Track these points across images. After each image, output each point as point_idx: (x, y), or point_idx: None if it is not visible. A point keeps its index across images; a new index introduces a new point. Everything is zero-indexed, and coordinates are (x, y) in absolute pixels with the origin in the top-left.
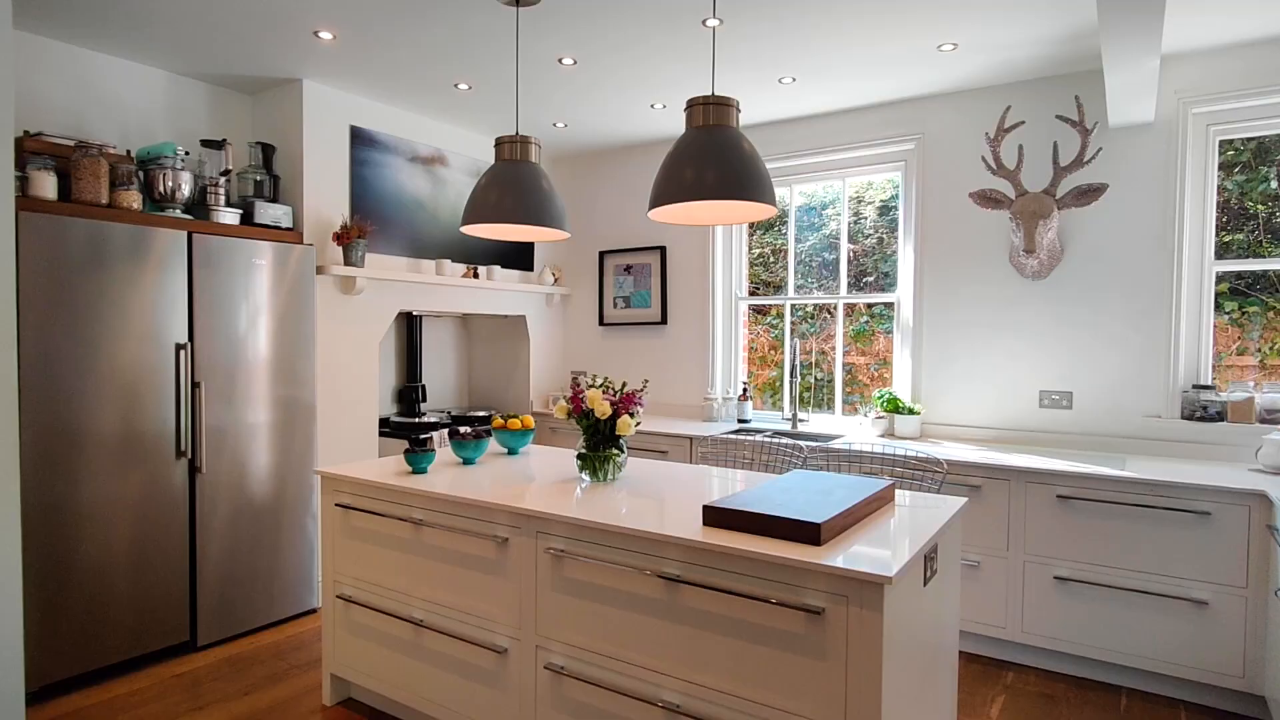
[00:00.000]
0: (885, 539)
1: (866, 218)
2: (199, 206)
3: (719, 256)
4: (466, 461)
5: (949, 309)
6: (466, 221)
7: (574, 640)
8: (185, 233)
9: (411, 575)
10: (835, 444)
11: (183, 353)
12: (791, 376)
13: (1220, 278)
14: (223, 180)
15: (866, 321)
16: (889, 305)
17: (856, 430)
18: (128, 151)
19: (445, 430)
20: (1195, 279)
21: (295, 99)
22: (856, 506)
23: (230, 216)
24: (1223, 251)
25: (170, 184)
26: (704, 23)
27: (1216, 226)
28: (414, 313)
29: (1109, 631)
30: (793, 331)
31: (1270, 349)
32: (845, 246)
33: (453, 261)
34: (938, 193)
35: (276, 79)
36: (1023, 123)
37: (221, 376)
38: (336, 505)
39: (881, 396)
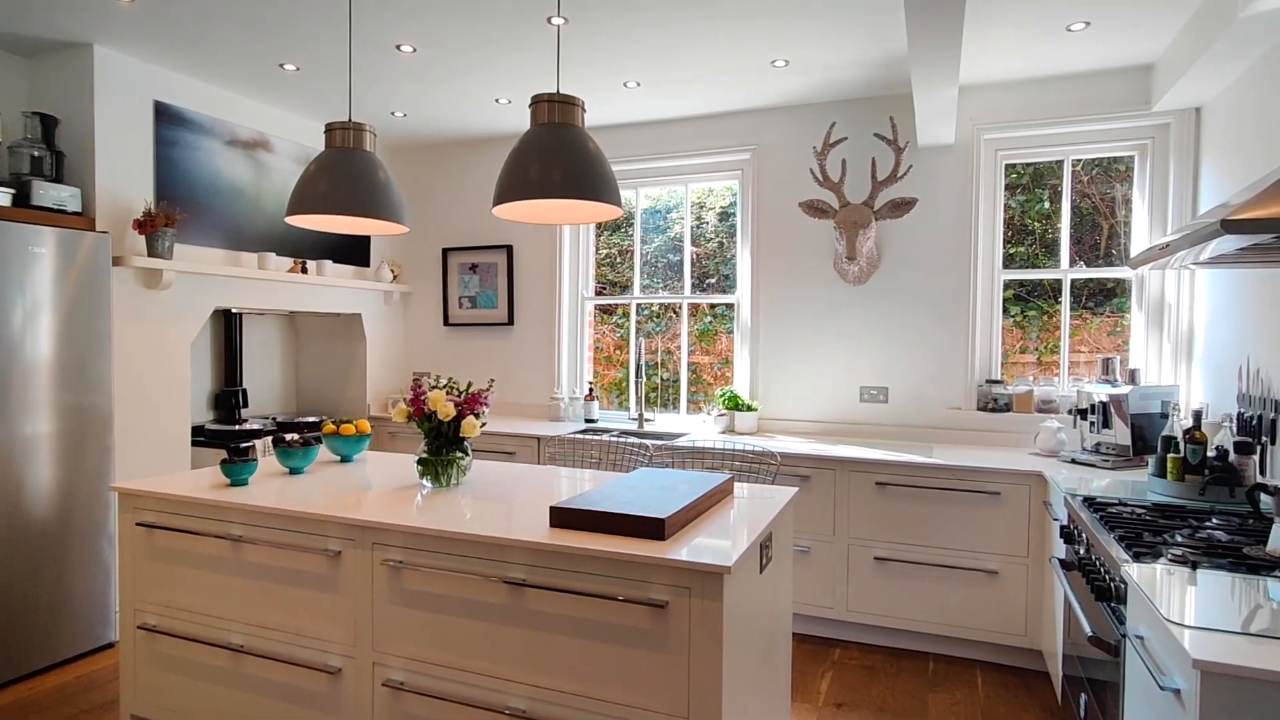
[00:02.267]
0: (725, 530)
1: (708, 222)
2: None
3: (566, 256)
4: (294, 471)
5: (782, 311)
6: (293, 212)
7: (414, 653)
8: None
9: (229, 597)
10: (680, 441)
11: None
12: (637, 376)
13: (1007, 285)
14: None
15: (710, 321)
16: (730, 306)
17: (700, 428)
18: None
19: (270, 438)
20: (987, 286)
21: (84, 66)
22: (699, 500)
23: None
24: (1008, 262)
25: None
26: (549, 20)
27: (1004, 240)
28: (233, 310)
29: (920, 604)
30: (638, 331)
31: (1045, 348)
32: (688, 249)
33: (278, 255)
34: (771, 201)
35: (60, 41)
36: (846, 139)
37: None
38: (138, 525)
39: (724, 394)
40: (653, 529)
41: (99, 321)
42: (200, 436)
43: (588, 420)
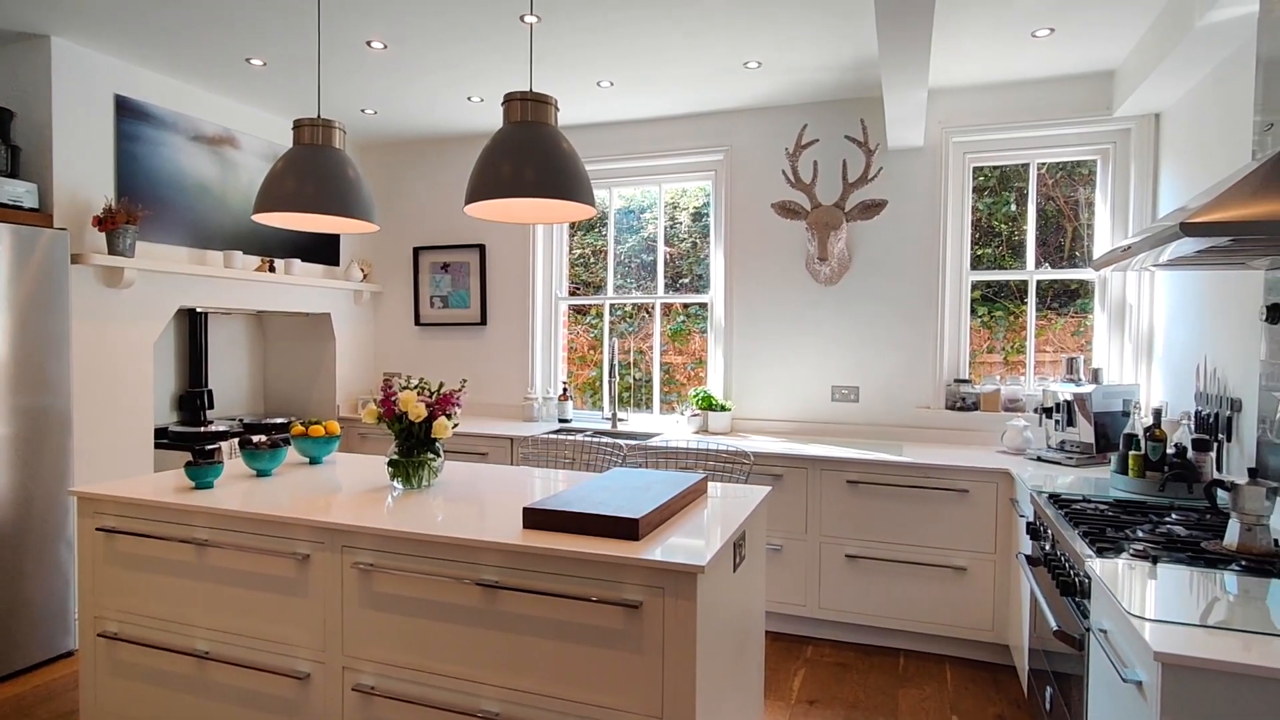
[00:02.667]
0: (699, 530)
1: (682, 223)
2: None
3: (540, 256)
4: (261, 473)
5: (755, 311)
6: (260, 209)
7: (385, 657)
8: None
9: (194, 603)
10: (653, 441)
11: None
12: (610, 376)
13: (974, 286)
14: None
15: (683, 321)
16: (704, 306)
17: (673, 428)
18: None
19: (236, 440)
20: (955, 286)
21: (41, 58)
22: (672, 500)
23: None
24: (976, 263)
25: None
26: (522, 18)
27: (971, 241)
28: (198, 309)
29: (890, 601)
30: (611, 331)
31: (1011, 348)
32: (662, 249)
33: (245, 253)
34: (744, 202)
35: (16, 32)
36: (817, 140)
37: None
38: (98, 530)
39: (697, 394)
40: (626, 529)
41: (57, 321)
42: (164, 439)
43: (561, 420)
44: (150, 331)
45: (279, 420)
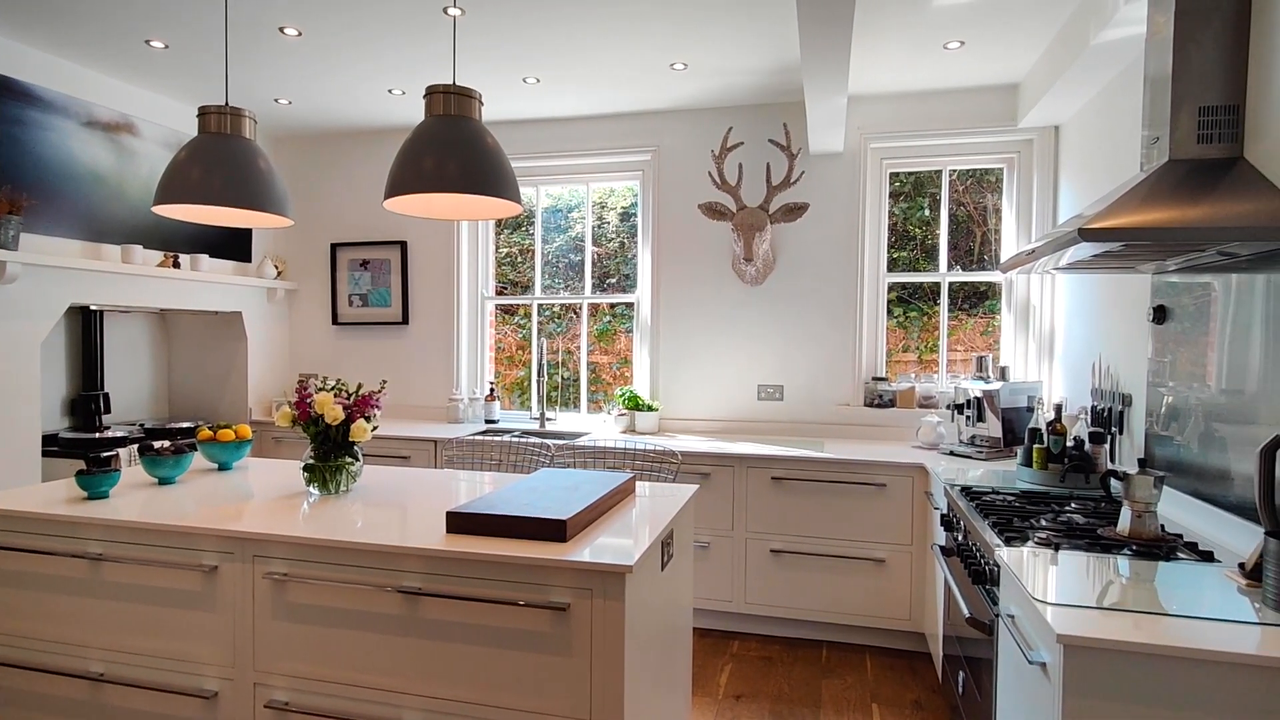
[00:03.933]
0: (627, 529)
1: (609, 222)
2: None
3: (465, 254)
4: (164, 481)
5: (682, 310)
6: (161, 201)
7: (300, 671)
8: None
9: (87, 622)
10: (582, 441)
11: None
12: (539, 376)
13: (890, 288)
14: None
15: (609, 321)
16: (630, 305)
17: (601, 427)
18: None
19: (136, 446)
20: (874, 288)
21: None
22: (600, 500)
23: None
24: (892, 266)
25: None
26: (445, 11)
27: (888, 245)
28: (92, 307)
29: (814, 594)
30: (540, 331)
31: (925, 347)
32: (590, 249)
33: (145, 248)
34: (671, 202)
35: None
36: (742, 143)
37: None
38: None
39: (623, 394)
40: (554, 530)
41: None
42: (54, 446)
43: (488, 421)
44: (37, 331)
45: (185, 424)
